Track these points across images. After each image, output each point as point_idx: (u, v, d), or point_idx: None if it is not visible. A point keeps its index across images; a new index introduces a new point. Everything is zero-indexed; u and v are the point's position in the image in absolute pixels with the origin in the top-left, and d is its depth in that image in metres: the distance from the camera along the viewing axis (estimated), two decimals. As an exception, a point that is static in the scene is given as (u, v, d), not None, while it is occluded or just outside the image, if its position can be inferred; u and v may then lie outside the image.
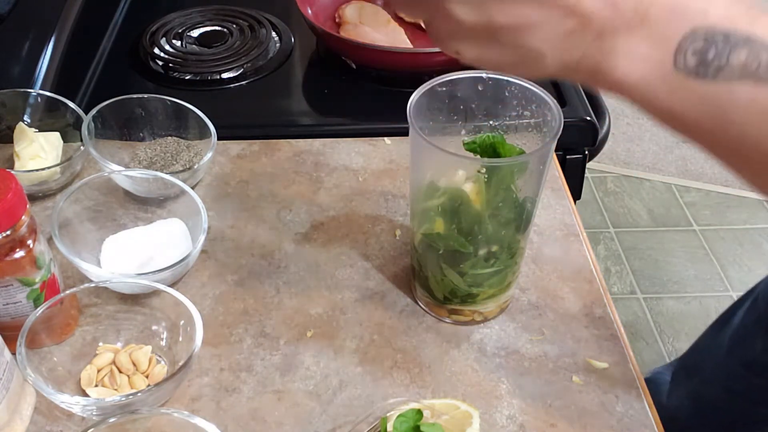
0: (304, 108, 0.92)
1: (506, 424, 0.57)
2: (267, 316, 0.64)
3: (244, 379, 0.59)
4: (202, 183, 0.77)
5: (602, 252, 1.95)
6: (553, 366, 0.61)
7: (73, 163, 0.74)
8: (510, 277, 0.62)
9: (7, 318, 0.58)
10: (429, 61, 0.88)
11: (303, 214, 0.74)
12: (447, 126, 0.60)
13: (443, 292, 0.62)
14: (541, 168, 0.56)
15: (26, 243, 0.56)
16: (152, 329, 0.61)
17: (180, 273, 0.65)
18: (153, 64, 0.94)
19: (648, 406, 0.58)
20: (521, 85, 0.58)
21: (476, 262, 0.59)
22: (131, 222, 0.70)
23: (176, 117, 0.78)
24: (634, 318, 1.78)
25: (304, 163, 0.80)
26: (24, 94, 0.79)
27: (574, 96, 0.88)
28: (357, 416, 0.57)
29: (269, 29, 0.99)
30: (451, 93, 0.59)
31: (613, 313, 0.65)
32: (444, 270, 0.60)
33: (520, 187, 0.56)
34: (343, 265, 0.69)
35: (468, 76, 0.59)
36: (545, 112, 0.57)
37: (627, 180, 2.17)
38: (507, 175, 0.55)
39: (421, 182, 0.58)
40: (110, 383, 0.58)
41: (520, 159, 0.56)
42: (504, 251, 0.59)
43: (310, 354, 0.61)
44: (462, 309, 0.63)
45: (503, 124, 0.60)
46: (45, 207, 0.73)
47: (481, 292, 0.61)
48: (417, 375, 0.60)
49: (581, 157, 0.87)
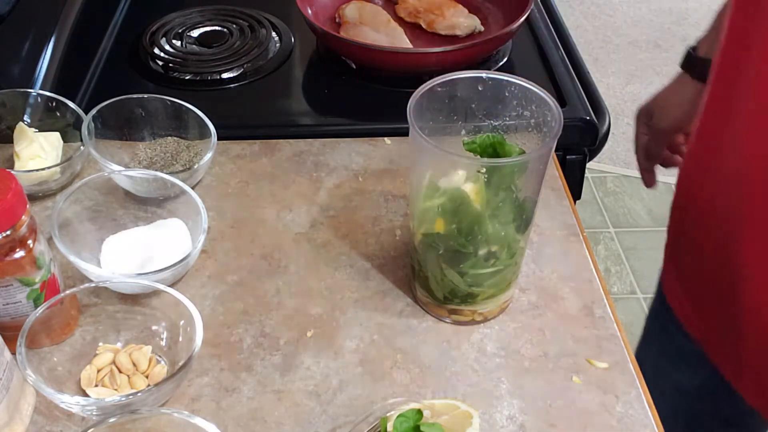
0: (304, 108, 0.92)
1: (506, 424, 0.57)
2: (267, 316, 0.64)
3: (244, 379, 0.59)
4: (202, 183, 0.77)
5: (602, 252, 1.95)
6: (553, 366, 0.61)
7: (73, 163, 0.74)
8: (510, 277, 0.62)
9: (7, 318, 0.58)
10: (429, 61, 0.88)
11: (303, 214, 0.74)
12: (447, 126, 0.60)
13: (443, 292, 0.62)
14: (541, 168, 0.56)
15: (26, 243, 0.56)
16: (152, 329, 0.61)
17: (180, 273, 0.65)
18: (153, 64, 0.94)
19: (648, 406, 0.58)
20: (521, 85, 0.58)
21: (476, 262, 0.59)
22: (131, 222, 0.70)
23: (176, 117, 0.78)
24: (635, 318, 1.78)
25: (304, 163, 0.80)
26: (24, 94, 0.79)
27: (574, 96, 0.88)
28: (357, 416, 0.57)
29: (269, 29, 0.99)
30: (451, 93, 0.59)
31: (613, 313, 0.65)
32: (444, 270, 0.60)
33: (520, 187, 0.56)
34: (343, 265, 0.69)
35: (468, 76, 0.59)
36: (545, 112, 0.57)
37: (627, 180, 2.17)
38: (507, 175, 0.55)
39: (421, 182, 0.58)
40: (110, 383, 0.58)
41: (520, 159, 0.56)
42: (504, 251, 0.59)
43: (310, 354, 0.61)
44: (462, 309, 0.63)
45: (503, 124, 0.60)
46: (45, 207, 0.73)
47: (481, 292, 0.61)
48: (417, 375, 0.60)
49: (581, 157, 0.87)
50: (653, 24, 2.87)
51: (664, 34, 2.81)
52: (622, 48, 2.73)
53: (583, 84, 0.91)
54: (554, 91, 0.89)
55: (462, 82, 0.59)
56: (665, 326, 0.83)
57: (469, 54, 0.89)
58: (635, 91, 2.51)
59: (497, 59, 0.95)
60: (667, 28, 2.84)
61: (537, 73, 0.93)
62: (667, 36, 2.80)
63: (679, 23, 2.87)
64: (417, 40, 0.96)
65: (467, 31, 0.96)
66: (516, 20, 0.89)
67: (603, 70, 2.61)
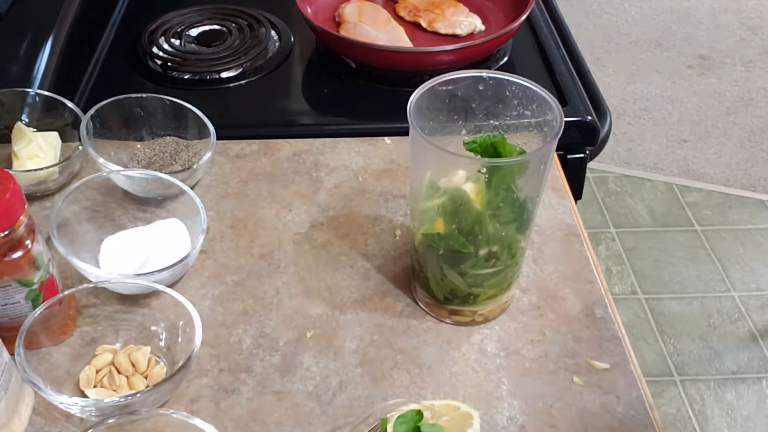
0: (304, 107, 0.92)
1: (507, 425, 0.57)
2: (266, 316, 0.64)
3: (244, 380, 0.59)
4: (201, 183, 0.76)
5: (603, 252, 1.94)
6: (553, 367, 0.61)
7: (71, 162, 0.74)
8: (510, 278, 0.62)
9: (6, 318, 0.58)
10: (429, 60, 0.87)
11: (302, 214, 0.73)
12: (447, 126, 0.60)
13: (443, 293, 0.62)
14: (542, 168, 0.56)
15: (24, 243, 0.56)
16: (151, 330, 0.61)
17: (179, 273, 0.65)
18: (152, 63, 0.93)
19: (649, 407, 0.58)
20: (522, 84, 0.58)
21: (476, 262, 0.58)
22: (130, 222, 0.70)
23: (175, 116, 0.78)
24: (636, 318, 1.77)
25: (303, 162, 0.79)
26: (22, 93, 0.79)
27: (575, 95, 0.88)
28: (357, 417, 0.56)
29: (269, 28, 0.99)
30: (452, 92, 0.59)
31: (614, 313, 0.65)
32: (444, 270, 0.60)
33: (521, 187, 0.56)
34: (343, 266, 0.68)
35: (468, 76, 0.59)
36: (546, 111, 0.57)
37: (628, 180, 2.17)
38: (508, 175, 0.55)
39: (421, 182, 0.58)
40: (109, 384, 0.58)
41: (520, 159, 0.56)
42: (504, 251, 0.59)
43: (309, 355, 0.61)
44: (462, 309, 0.62)
45: (504, 124, 0.60)
46: (43, 207, 0.73)
47: (482, 293, 0.61)
48: (417, 376, 0.60)
49: (582, 156, 0.86)
50: (655, 23, 2.86)
51: (666, 33, 2.81)
52: (623, 47, 2.73)
53: (584, 83, 0.91)
54: (555, 90, 0.89)
55: (462, 82, 0.59)
56: None
57: (470, 53, 0.88)
58: (636, 91, 2.50)
59: (498, 58, 0.94)
60: (669, 27, 2.84)
61: (538, 73, 0.93)
62: (668, 35, 2.79)
63: (681, 22, 2.86)
64: (417, 39, 0.95)
65: (468, 30, 0.95)
66: (517, 19, 0.89)
67: (604, 69, 2.61)
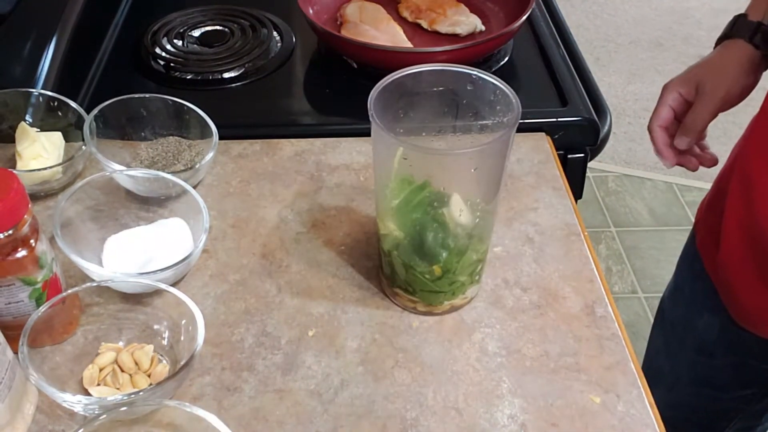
0: (306, 107, 0.92)
1: (507, 423, 0.57)
2: (268, 315, 0.64)
3: (246, 379, 0.60)
4: (203, 182, 0.77)
5: (603, 251, 1.95)
6: (554, 365, 0.61)
7: (74, 162, 0.74)
8: (477, 255, 0.62)
9: (9, 317, 0.58)
10: (430, 60, 0.87)
11: (304, 214, 0.74)
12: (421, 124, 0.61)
13: (414, 286, 0.62)
14: (494, 167, 0.56)
15: (28, 242, 0.56)
16: (154, 328, 0.61)
17: (182, 272, 0.65)
18: (154, 63, 0.94)
19: (649, 406, 0.58)
20: (484, 78, 0.58)
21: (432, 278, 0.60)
22: (133, 221, 0.70)
23: (178, 116, 0.78)
24: (636, 317, 1.78)
25: (305, 162, 0.80)
26: (26, 93, 0.79)
27: (576, 95, 0.88)
28: (358, 415, 0.57)
29: (270, 29, 0.99)
30: (414, 89, 0.60)
31: (614, 312, 0.65)
32: (412, 263, 0.61)
33: (478, 180, 0.56)
34: (345, 265, 0.69)
35: (430, 70, 0.60)
36: (507, 106, 0.57)
37: (628, 179, 2.17)
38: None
39: (386, 178, 0.59)
40: (112, 382, 0.58)
41: (475, 149, 0.55)
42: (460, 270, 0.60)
43: (311, 353, 0.61)
44: (435, 299, 0.63)
45: (476, 124, 0.60)
46: (47, 206, 0.74)
47: (456, 280, 0.61)
48: (418, 374, 0.60)
49: (582, 156, 0.86)
50: (655, 23, 2.86)
51: (666, 33, 2.81)
52: (623, 47, 2.73)
53: (584, 83, 0.91)
54: (555, 90, 0.89)
55: (424, 76, 0.60)
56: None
57: (470, 53, 0.88)
58: (636, 91, 2.51)
59: (498, 59, 0.95)
60: (669, 27, 2.84)
61: (538, 73, 0.93)
62: (668, 35, 2.79)
63: (681, 22, 2.86)
64: (418, 39, 0.96)
65: (468, 30, 0.96)
66: (517, 19, 0.89)
67: (604, 69, 2.61)
